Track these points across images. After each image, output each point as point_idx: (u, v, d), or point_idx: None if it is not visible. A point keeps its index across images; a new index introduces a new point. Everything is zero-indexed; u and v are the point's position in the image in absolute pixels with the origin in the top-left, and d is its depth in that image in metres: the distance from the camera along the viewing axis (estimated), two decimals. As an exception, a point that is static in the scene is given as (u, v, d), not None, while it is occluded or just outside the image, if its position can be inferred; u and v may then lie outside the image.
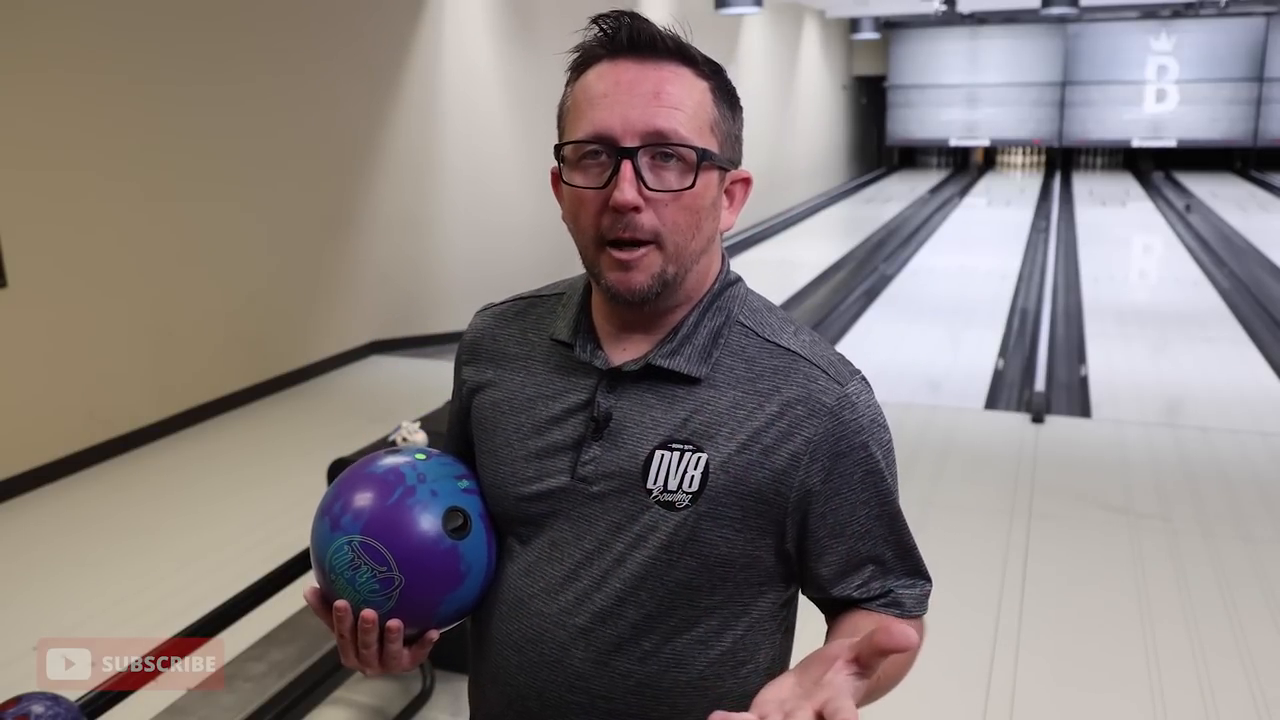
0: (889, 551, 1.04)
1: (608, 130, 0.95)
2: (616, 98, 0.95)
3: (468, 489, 1.05)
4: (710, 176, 0.98)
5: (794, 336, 1.03)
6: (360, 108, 6.30)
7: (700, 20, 11.21)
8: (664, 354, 1.00)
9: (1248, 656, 2.99)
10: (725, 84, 1.01)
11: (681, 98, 0.96)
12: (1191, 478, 4.43)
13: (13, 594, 3.55)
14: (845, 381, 1.01)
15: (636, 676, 1.01)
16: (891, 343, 7.07)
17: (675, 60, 0.98)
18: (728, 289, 1.05)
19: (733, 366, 1.00)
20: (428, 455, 1.06)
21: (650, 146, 0.94)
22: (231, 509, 4.15)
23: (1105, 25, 18.38)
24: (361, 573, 0.98)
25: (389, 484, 1.01)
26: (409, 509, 1.00)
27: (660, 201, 0.95)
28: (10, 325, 4.29)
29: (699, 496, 0.97)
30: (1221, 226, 12.35)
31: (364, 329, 6.57)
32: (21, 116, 4.26)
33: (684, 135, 0.95)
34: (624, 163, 0.94)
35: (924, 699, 2.85)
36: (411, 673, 2.86)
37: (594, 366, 1.02)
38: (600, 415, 1.00)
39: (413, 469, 1.03)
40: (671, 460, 0.98)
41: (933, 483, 4.39)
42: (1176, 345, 6.95)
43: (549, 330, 1.08)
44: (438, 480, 1.03)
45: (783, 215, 13.63)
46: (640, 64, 0.96)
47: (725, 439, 0.98)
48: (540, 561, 1.03)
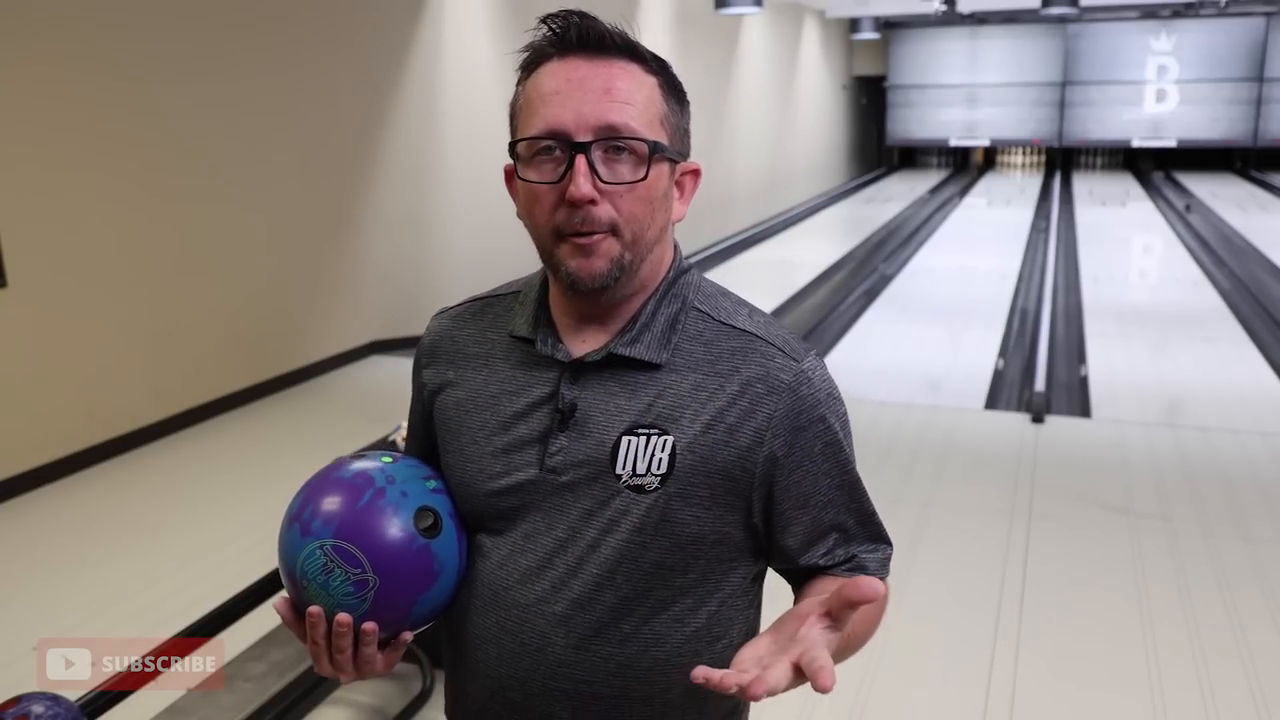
0: (851, 519, 1.08)
1: (561, 126, 0.97)
2: (569, 94, 0.97)
3: (436, 489, 1.06)
4: (661, 168, 1.01)
5: (748, 318, 1.06)
6: (360, 108, 6.30)
7: (700, 20, 11.27)
8: (624, 343, 1.02)
9: (1248, 656, 2.99)
10: (672, 79, 1.04)
11: (632, 92, 0.98)
12: (1191, 478, 4.43)
13: (13, 594, 3.55)
14: (801, 358, 1.04)
15: (617, 659, 1.03)
16: (891, 343, 7.07)
17: (624, 57, 1.00)
18: (682, 276, 1.08)
19: (691, 351, 1.03)
20: (394, 458, 1.07)
21: (603, 141, 0.97)
22: (231, 509, 4.15)
23: (1105, 25, 18.38)
24: (335, 576, 0.98)
25: (358, 487, 1.01)
26: (380, 510, 1.00)
27: (615, 194, 0.97)
28: (10, 325, 4.29)
29: (668, 478, 1.00)
30: (1221, 226, 12.35)
31: (364, 329, 6.57)
32: (21, 117, 4.26)
33: (635, 128, 0.97)
34: (578, 157, 0.96)
35: (924, 698, 2.85)
36: (411, 673, 2.86)
37: (555, 359, 1.04)
38: (565, 406, 1.02)
39: (381, 472, 1.03)
40: (639, 445, 1.00)
41: (933, 483, 4.39)
42: (1176, 345, 6.95)
43: (508, 327, 1.10)
44: (406, 481, 1.04)
45: (783, 215, 13.63)
46: (590, 61, 0.98)
47: (689, 421, 1.00)
48: (514, 554, 1.05)
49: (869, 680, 2.88)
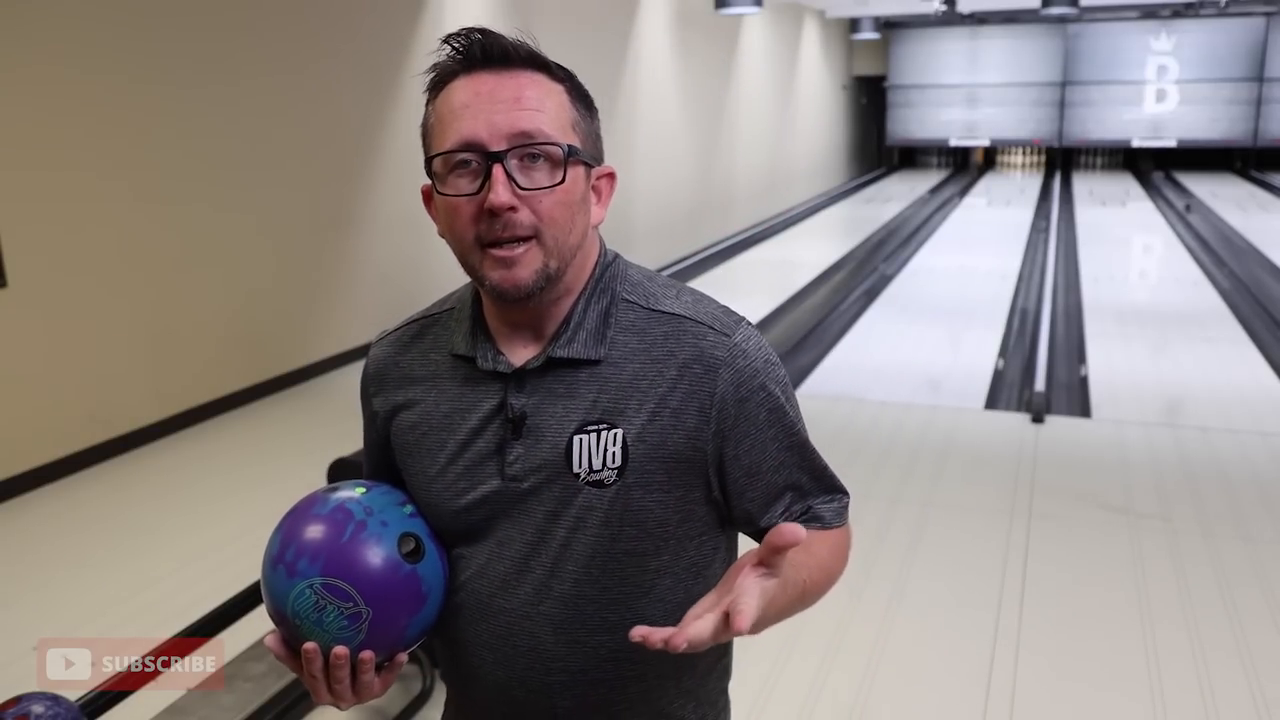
0: (804, 477, 1.11)
1: (475, 137, 0.98)
2: (479, 106, 0.99)
3: (412, 514, 1.08)
4: (577, 171, 1.02)
5: (676, 300, 1.08)
6: (360, 108, 6.30)
7: (700, 20, 11.27)
8: (560, 345, 1.05)
9: (1248, 656, 2.99)
10: (579, 87, 1.06)
11: (541, 99, 1.00)
12: (1191, 478, 4.43)
13: (13, 594, 3.55)
14: (732, 332, 1.06)
15: (607, 646, 1.07)
16: (891, 343, 7.07)
17: (530, 68, 1.02)
18: (607, 269, 1.09)
19: (626, 342, 1.05)
20: (368, 488, 1.08)
21: (518, 148, 0.98)
22: (231, 509, 4.15)
23: (1105, 25, 18.38)
24: (328, 613, 0.99)
25: (339, 522, 1.02)
26: (364, 542, 1.01)
27: (534, 199, 0.99)
28: (10, 325, 4.29)
29: (624, 470, 1.03)
30: (1221, 226, 12.35)
31: (364, 329, 6.56)
32: (21, 117, 4.26)
33: (549, 133, 0.99)
34: (495, 166, 0.98)
35: (924, 698, 2.85)
36: (411, 673, 2.86)
37: (498, 372, 1.06)
38: (515, 415, 1.05)
39: (358, 504, 1.04)
40: (590, 442, 1.03)
41: (933, 483, 4.39)
42: (1176, 345, 6.95)
43: (447, 346, 1.11)
44: (384, 510, 1.05)
45: (783, 215, 13.63)
46: (497, 74, 1.00)
47: (635, 411, 1.03)
48: (491, 562, 1.08)
49: (869, 680, 2.88)
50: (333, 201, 6.19)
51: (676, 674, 1.11)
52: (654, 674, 1.10)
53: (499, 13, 7.14)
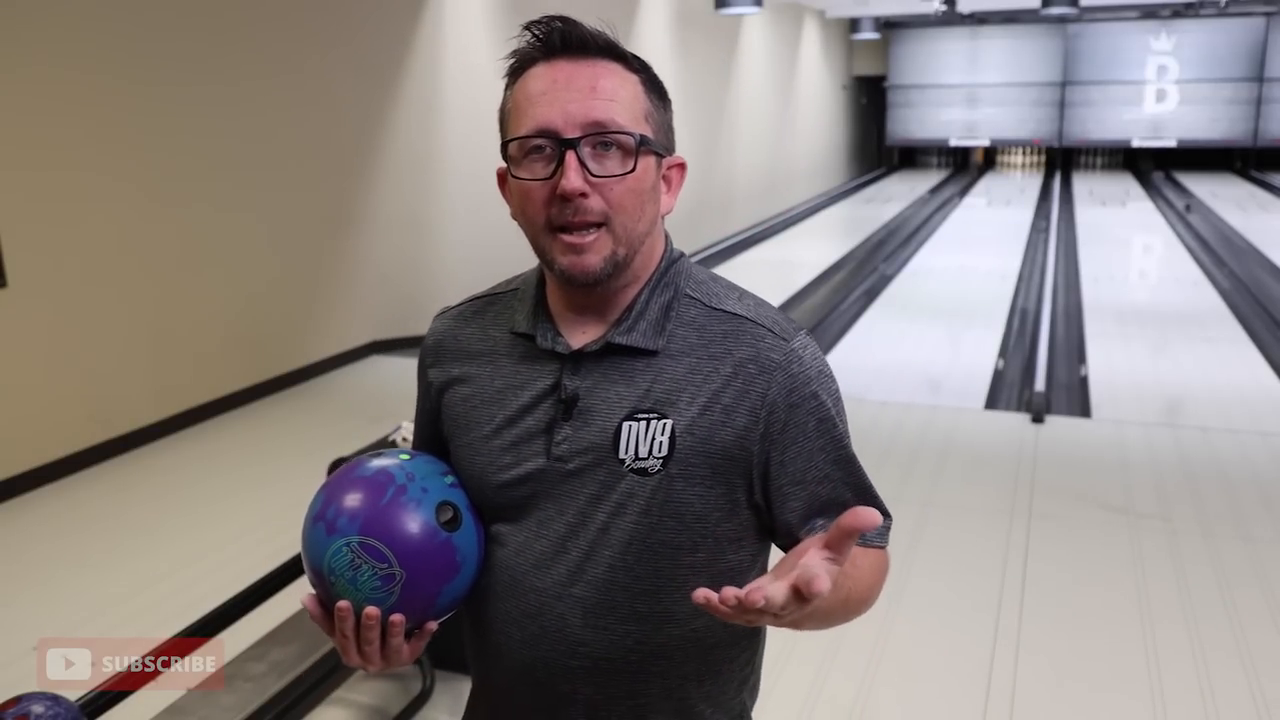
0: (848, 493, 1.09)
1: (549, 124, 1.01)
2: (555, 94, 1.01)
3: (453, 484, 1.09)
4: (648, 161, 1.04)
5: (738, 302, 1.10)
6: (360, 108, 6.30)
7: (700, 20, 11.26)
8: (620, 332, 1.06)
9: (1248, 656, 2.99)
10: (654, 78, 1.07)
11: (616, 89, 1.02)
12: (1191, 478, 4.43)
13: (13, 594, 3.55)
14: (790, 338, 1.07)
15: (634, 635, 1.07)
16: (891, 343, 7.07)
17: (606, 57, 1.03)
18: (673, 265, 1.11)
19: (685, 336, 1.07)
20: (412, 455, 1.10)
21: (591, 136, 1.00)
22: (231, 509, 4.15)
23: (1105, 25, 18.38)
24: (363, 572, 1.01)
25: (380, 484, 1.04)
26: (403, 506, 1.03)
27: (605, 186, 1.01)
28: (10, 325, 4.29)
29: (669, 460, 1.04)
30: (1221, 226, 12.35)
31: (364, 329, 6.57)
32: (21, 117, 4.26)
33: (621, 123, 1.01)
34: (568, 153, 1.00)
35: (924, 698, 2.86)
36: (411, 673, 2.86)
37: (556, 352, 1.08)
38: (568, 396, 1.06)
39: (401, 469, 1.06)
40: (639, 429, 1.04)
41: (933, 483, 4.39)
42: (1176, 345, 6.95)
43: (508, 324, 1.14)
44: (426, 478, 1.07)
45: (783, 215, 13.63)
46: (574, 63, 1.02)
47: (687, 404, 1.04)
48: (529, 540, 1.09)
49: (869, 680, 2.88)
50: (333, 201, 6.19)
51: (699, 676, 1.11)
52: (677, 672, 1.10)
53: (500, 12, 7.14)
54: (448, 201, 6.91)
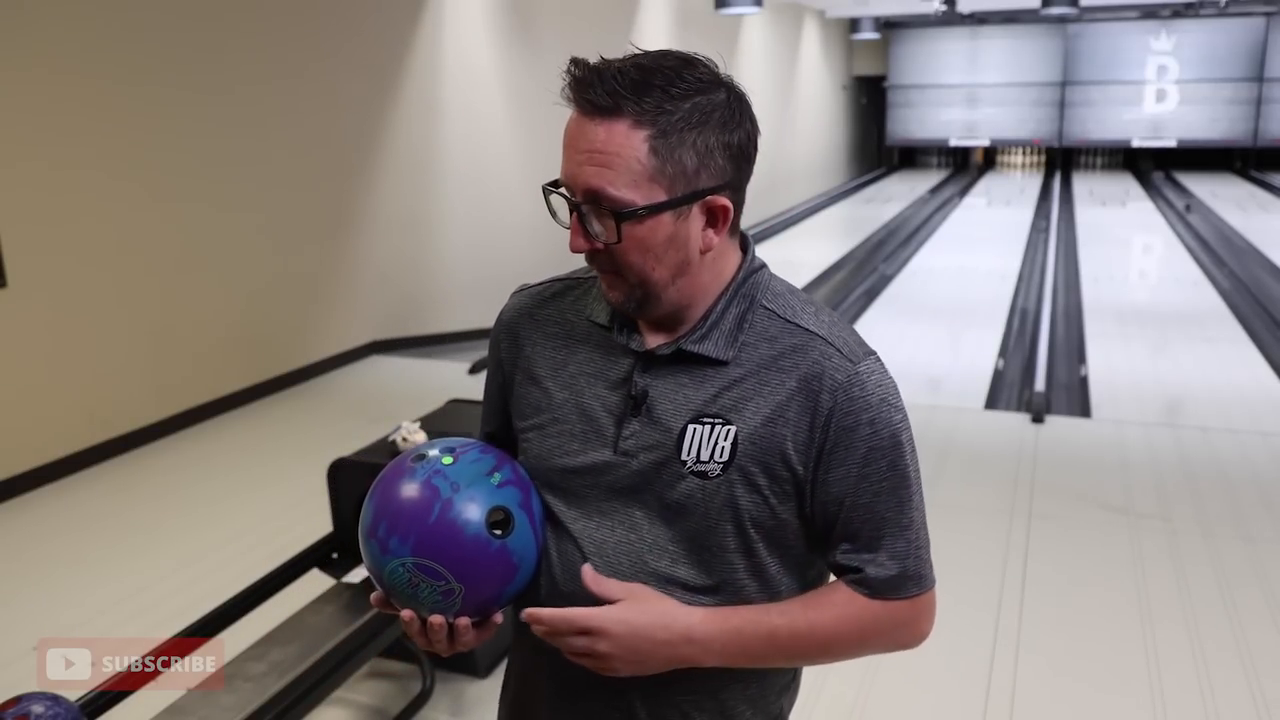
0: (883, 529, 1.09)
1: (565, 180, 1.04)
2: (569, 152, 1.03)
3: (501, 482, 1.07)
4: (656, 221, 1.02)
5: (814, 318, 1.11)
6: (360, 108, 6.30)
7: (700, 20, 11.24)
8: (693, 340, 1.08)
9: (1248, 656, 2.99)
10: (685, 118, 1.01)
11: (613, 155, 1.00)
12: (1191, 478, 4.43)
13: (13, 594, 3.55)
14: (858, 360, 1.08)
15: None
16: (891, 343, 7.06)
17: (611, 116, 0.99)
18: (751, 276, 1.12)
19: (757, 346, 1.08)
20: (454, 457, 1.07)
21: (587, 203, 1.02)
22: (231, 509, 4.15)
23: (1105, 25, 18.37)
24: (422, 589, 1.03)
25: (426, 500, 1.03)
26: (452, 523, 1.03)
27: (610, 245, 1.03)
28: (10, 325, 4.29)
29: (729, 466, 1.05)
30: (1221, 226, 12.35)
31: (364, 329, 6.57)
32: (21, 116, 4.26)
33: (611, 195, 1.00)
34: (573, 214, 1.03)
35: (924, 698, 2.85)
36: (411, 672, 2.86)
37: (630, 349, 1.10)
38: (638, 394, 1.08)
39: (444, 480, 1.05)
40: (703, 433, 1.06)
41: (933, 483, 4.36)
42: (1176, 345, 6.95)
43: (586, 312, 1.15)
44: (471, 484, 1.05)
45: (783, 215, 13.62)
46: (582, 119, 1.01)
47: (752, 413, 1.06)
48: (590, 529, 1.11)
49: (869, 680, 2.88)
50: (333, 201, 6.19)
51: (744, 678, 1.13)
52: (725, 673, 1.10)
53: (500, 12, 7.14)
54: (448, 201, 6.91)
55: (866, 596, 1.09)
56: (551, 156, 1.05)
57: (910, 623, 1.13)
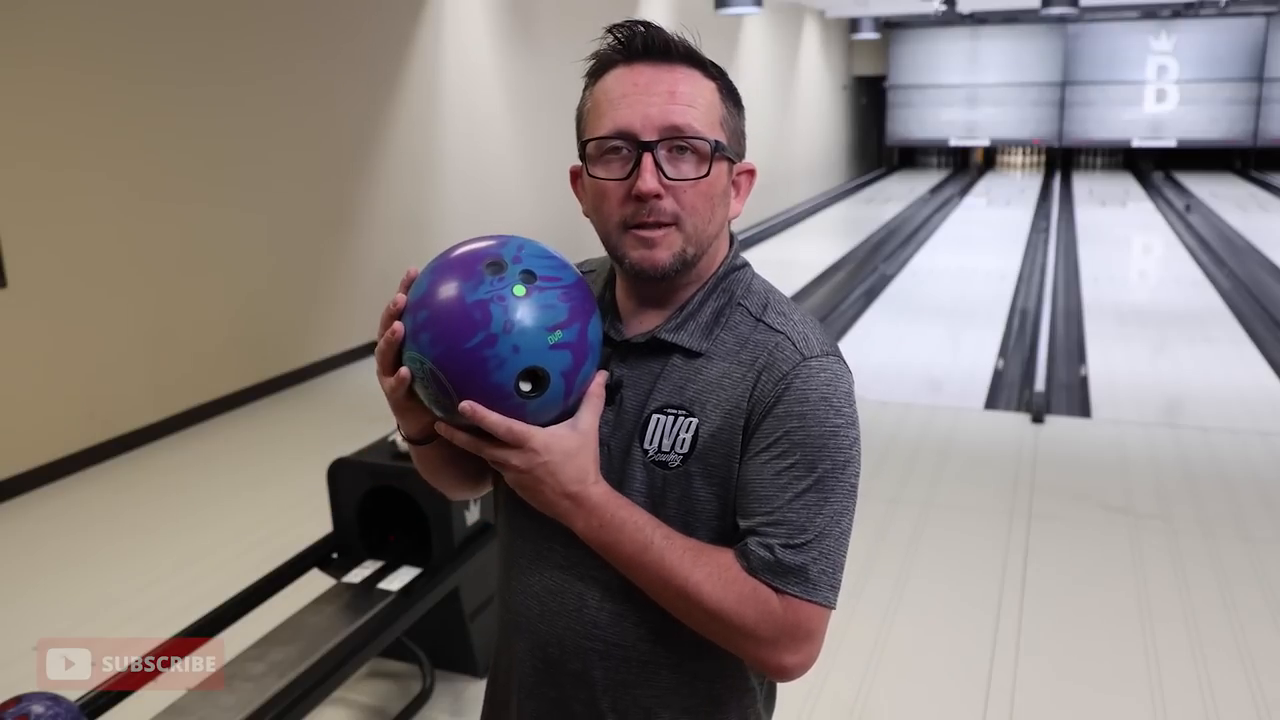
0: (779, 531, 1.01)
1: (629, 126, 1.03)
2: (635, 97, 1.04)
3: (558, 343, 0.98)
4: (721, 166, 1.07)
5: (784, 318, 1.10)
6: (360, 108, 6.30)
7: (700, 20, 11.23)
8: (669, 329, 1.09)
9: (1248, 656, 2.99)
10: (729, 85, 1.11)
11: (694, 96, 1.05)
12: (1191, 478, 4.43)
13: (13, 594, 3.55)
14: (810, 355, 1.06)
15: (647, 624, 1.09)
16: (891, 343, 7.07)
17: (686, 64, 1.07)
18: (733, 273, 1.13)
19: (726, 341, 1.09)
20: (527, 289, 0.98)
21: (668, 140, 1.03)
22: (231, 509, 4.15)
23: (1105, 25, 18.38)
24: (428, 388, 1.01)
25: (473, 323, 0.96)
26: (483, 362, 0.96)
27: (679, 189, 1.04)
28: (10, 325, 4.29)
29: (689, 458, 1.06)
30: (1221, 226, 12.35)
31: (364, 329, 6.56)
32: (21, 116, 4.26)
33: (698, 129, 1.04)
34: (645, 155, 1.03)
35: (924, 698, 2.85)
36: (411, 672, 2.86)
37: (609, 337, 1.11)
38: (612, 383, 1.09)
39: (504, 312, 0.96)
40: (666, 423, 1.07)
41: (933, 483, 4.39)
42: (1176, 345, 6.95)
43: None
44: (525, 335, 0.97)
45: (783, 215, 13.63)
46: (655, 67, 1.05)
47: (714, 407, 1.06)
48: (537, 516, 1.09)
49: (869, 680, 2.88)
50: (333, 201, 6.19)
51: (709, 677, 1.12)
52: (688, 669, 1.11)
53: (500, 12, 7.14)
54: (448, 201, 6.91)
55: (744, 571, 1.01)
56: (552, 156, 1.05)
57: (780, 625, 1.00)
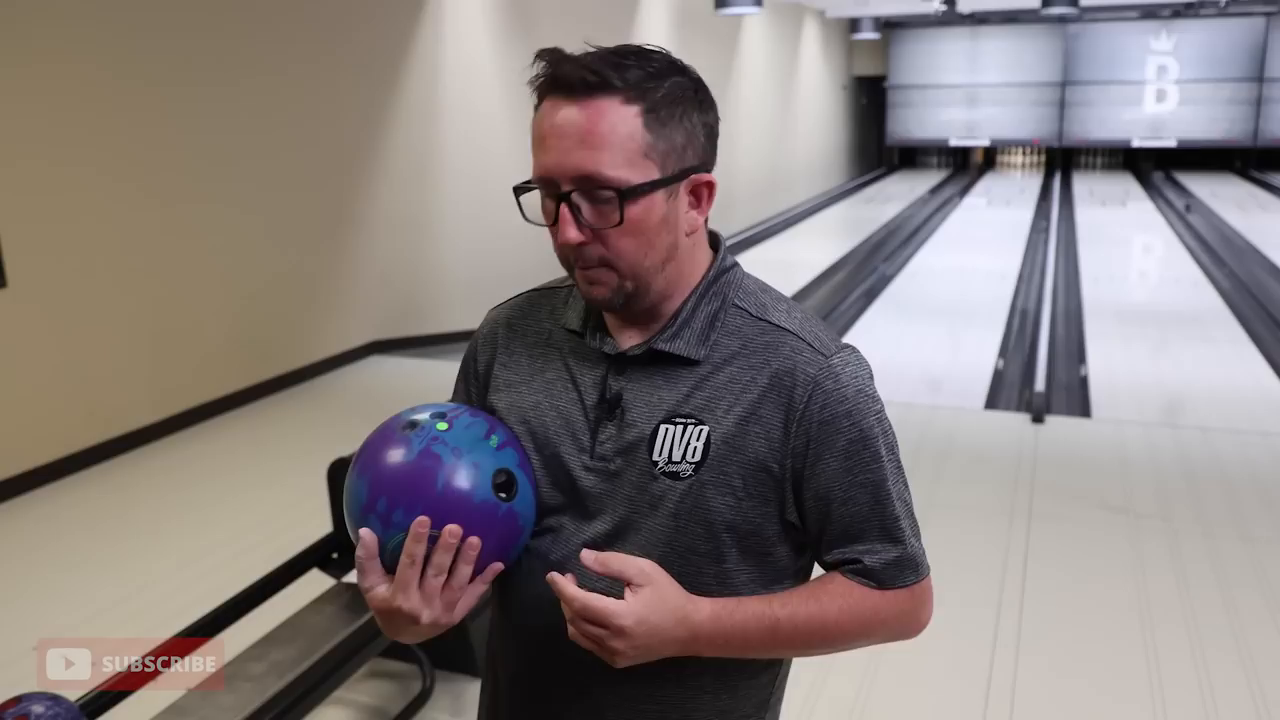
0: (873, 522, 1.08)
1: (547, 173, 1.01)
2: (551, 141, 1.00)
3: (500, 443, 1.05)
4: (651, 200, 1.01)
5: (785, 315, 1.10)
6: (360, 107, 6.29)
7: (700, 20, 11.25)
8: (665, 339, 1.07)
9: (1248, 656, 2.99)
10: (667, 95, 1.01)
11: (608, 134, 0.99)
12: (1191, 478, 4.43)
13: (13, 594, 3.55)
14: (829, 354, 1.07)
15: None
16: (891, 343, 7.06)
17: (602, 93, 0.99)
18: (723, 275, 1.11)
19: (728, 345, 1.08)
20: (449, 423, 1.04)
21: (580, 189, 1.00)
22: (231, 509, 4.15)
23: (1105, 25, 18.37)
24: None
25: (429, 470, 1.00)
26: (459, 491, 1.00)
27: (603, 234, 1.01)
28: (10, 325, 4.29)
29: (701, 466, 1.05)
30: (1221, 226, 12.35)
31: (364, 329, 6.57)
32: (21, 116, 4.26)
33: (607, 176, 0.99)
34: (562, 206, 1.01)
35: (924, 698, 2.85)
36: (411, 673, 2.86)
37: (603, 352, 1.09)
38: (611, 397, 1.08)
39: (444, 447, 1.01)
40: (675, 434, 1.05)
41: (933, 483, 4.39)
42: (1176, 345, 6.95)
43: (561, 320, 1.15)
44: (471, 449, 1.02)
45: (783, 215, 13.62)
46: (569, 103, 0.99)
47: (724, 412, 1.05)
48: (569, 533, 1.09)
49: (869, 680, 2.88)
50: (333, 201, 6.19)
51: (715, 689, 1.12)
52: (693, 683, 1.10)
53: (500, 12, 7.14)
54: (448, 201, 6.91)
55: (866, 587, 1.08)
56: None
57: (910, 611, 1.12)
